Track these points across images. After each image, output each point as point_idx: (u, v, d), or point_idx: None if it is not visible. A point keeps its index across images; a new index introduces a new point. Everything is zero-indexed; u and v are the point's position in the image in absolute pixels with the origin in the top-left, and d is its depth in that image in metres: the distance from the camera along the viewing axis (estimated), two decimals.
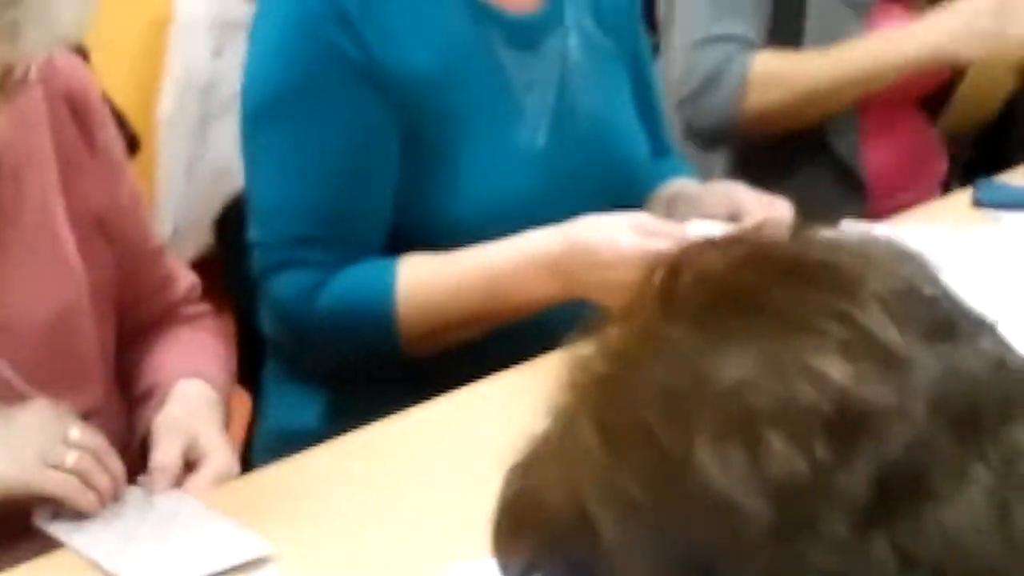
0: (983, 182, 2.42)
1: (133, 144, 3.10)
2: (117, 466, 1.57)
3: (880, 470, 0.68)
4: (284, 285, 1.88)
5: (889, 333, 0.70)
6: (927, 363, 0.71)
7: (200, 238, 3.00)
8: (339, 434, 1.79)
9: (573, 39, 1.99)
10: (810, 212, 1.77)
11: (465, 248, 1.87)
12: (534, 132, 1.94)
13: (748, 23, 2.41)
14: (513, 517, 0.79)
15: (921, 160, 2.66)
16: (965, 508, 0.69)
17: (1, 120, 1.62)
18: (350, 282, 1.88)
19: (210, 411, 1.76)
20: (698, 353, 0.72)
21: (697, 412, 0.71)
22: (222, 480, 1.66)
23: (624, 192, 1.93)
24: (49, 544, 1.55)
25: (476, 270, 1.87)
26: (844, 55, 2.39)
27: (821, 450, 0.68)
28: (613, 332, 0.77)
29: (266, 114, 1.93)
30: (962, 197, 2.44)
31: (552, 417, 0.77)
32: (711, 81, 2.37)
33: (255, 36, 1.99)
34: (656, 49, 2.49)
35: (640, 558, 0.72)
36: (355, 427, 1.80)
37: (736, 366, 0.71)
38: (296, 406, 2.00)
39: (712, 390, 0.71)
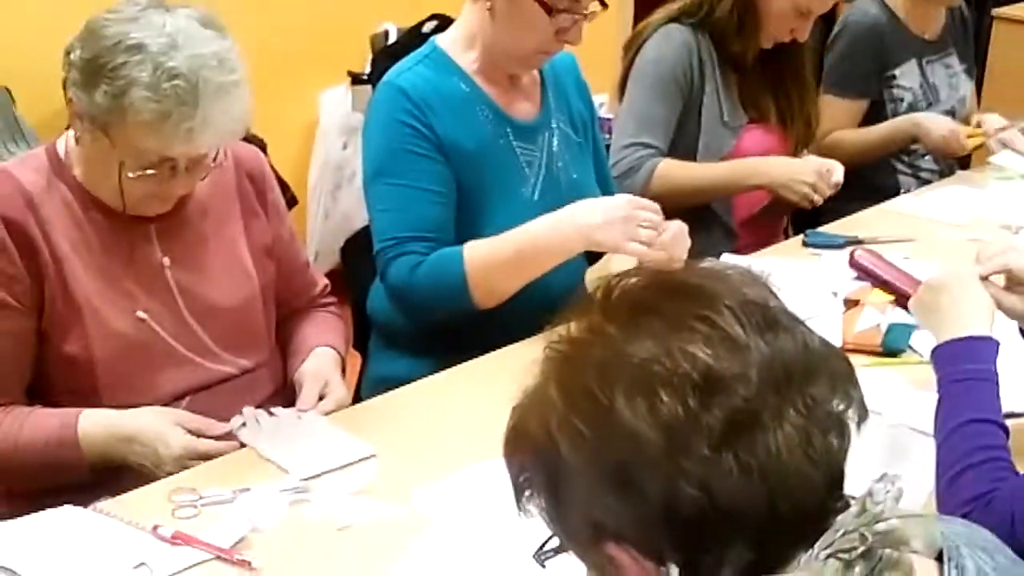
0: (810, 232, 2.70)
1: (292, 200, 3.62)
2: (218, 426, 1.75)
3: (728, 413, 0.86)
4: (398, 266, 2.08)
5: (735, 329, 0.89)
6: (759, 347, 0.89)
7: (331, 258, 3.39)
8: (413, 381, 2.03)
9: (555, 135, 2.28)
10: (703, 250, 2.07)
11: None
12: (532, 190, 2.22)
13: (658, 138, 2.69)
14: (512, 438, 0.98)
15: (770, 217, 2.93)
16: (782, 437, 0.87)
17: (201, 185, 1.83)
18: (435, 260, 2.08)
19: (334, 366, 1.96)
20: (623, 341, 0.90)
21: (618, 377, 0.88)
22: (341, 405, 1.87)
23: None
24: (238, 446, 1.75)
25: (521, 235, 2.06)
26: (714, 171, 2.71)
27: (692, 401, 0.86)
28: (571, 325, 0.96)
29: (378, 173, 2.13)
30: (796, 240, 2.72)
31: (533, 378, 0.96)
32: (629, 172, 2.65)
33: (367, 131, 2.18)
34: None
35: (584, 467, 0.90)
36: (422, 377, 2.04)
37: (644, 349, 0.88)
38: (388, 362, 2.27)
39: (628, 363, 0.89)
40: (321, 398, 1.86)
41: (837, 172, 2.64)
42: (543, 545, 1.01)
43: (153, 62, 1.60)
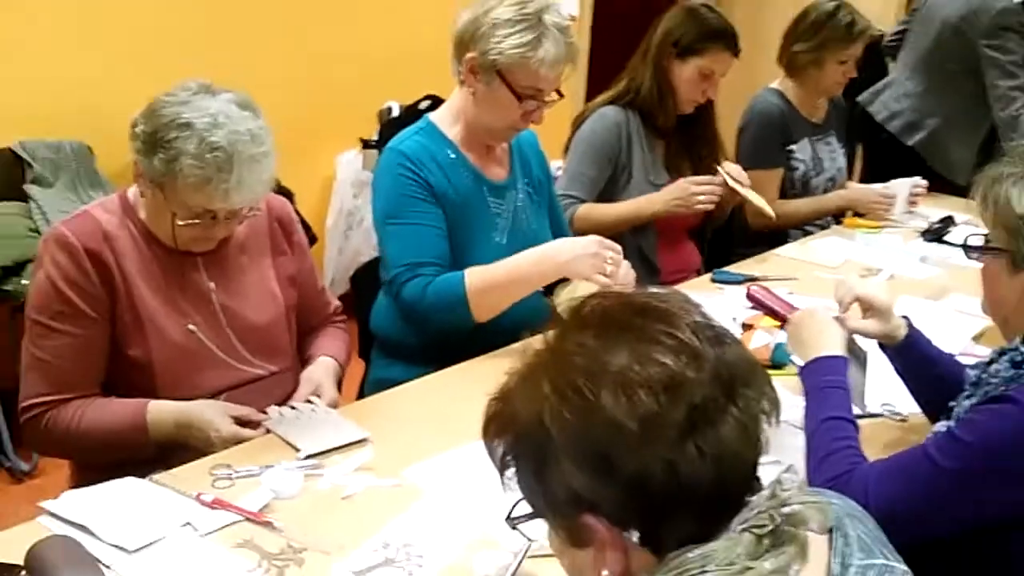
0: (717, 271, 2.70)
1: (313, 239, 3.61)
2: (235, 437, 1.70)
3: (689, 408, 0.85)
4: (411, 287, 2.06)
5: (693, 341, 0.88)
6: (711, 356, 0.88)
7: (343, 285, 3.37)
8: (406, 382, 2.01)
9: (520, 193, 2.30)
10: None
11: None
12: (501, 236, 2.23)
13: (584, 192, 2.73)
14: (496, 424, 0.96)
15: (686, 257, 2.96)
16: (728, 428, 0.87)
17: (239, 228, 1.84)
18: (442, 281, 2.07)
19: (329, 373, 1.93)
20: (601, 350, 0.89)
21: (602, 378, 0.87)
22: (330, 405, 1.82)
23: None
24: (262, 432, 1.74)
25: (512, 264, 2.07)
26: (619, 209, 2.72)
27: (662, 398, 0.85)
28: (552, 334, 0.94)
29: (388, 216, 2.12)
30: (706, 277, 2.71)
31: (519, 371, 0.94)
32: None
33: (376, 186, 2.17)
34: None
35: (572, 449, 0.88)
36: (413, 379, 2.02)
37: (620, 357, 0.87)
38: (386, 368, 2.25)
39: (610, 368, 0.87)
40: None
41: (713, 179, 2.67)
42: (511, 512, 0.99)
43: (198, 137, 1.62)
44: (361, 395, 2.18)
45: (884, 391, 2.05)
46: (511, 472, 0.95)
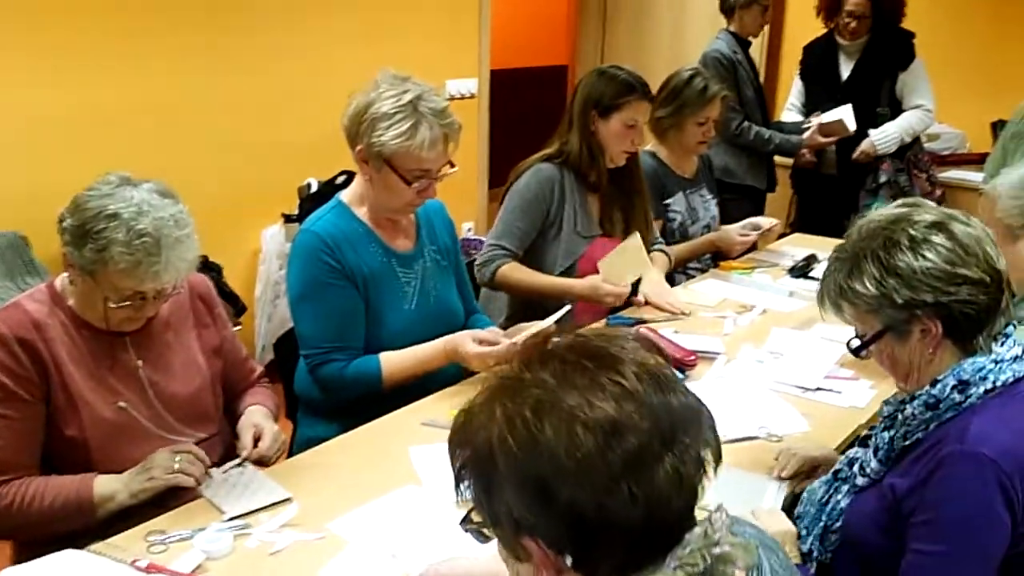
0: (611, 316, 2.70)
1: (243, 308, 3.61)
2: (200, 463, 1.70)
3: (625, 454, 0.84)
4: (327, 369, 2.11)
5: (637, 387, 0.87)
6: (652, 402, 0.87)
7: (269, 352, 3.25)
8: (330, 439, 1.99)
9: (427, 262, 2.28)
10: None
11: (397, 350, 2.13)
12: (410, 303, 2.22)
13: (514, 244, 2.71)
14: (458, 437, 0.93)
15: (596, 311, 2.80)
16: (662, 474, 0.86)
17: (164, 306, 1.81)
18: (359, 364, 2.12)
19: (264, 415, 1.92)
20: (557, 388, 0.88)
21: (550, 414, 0.86)
22: (277, 439, 1.82)
23: (452, 329, 2.20)
24: (194, 495, 1.71)
25: (419, 352, 2.14)
26: (540, 282, 2.67)
27: (601, 439, 0.84)
28: (522, 362, 0.93)
29: (302, 297, 2.12)
30: (602, 322, 2.68)
31: (486, 390, 0.92)
32: (486, 263, 2.71)
33: (291, 266, 2.16)
34: None
35: (514, 477, 0.87)
36: (337, 436, 2.00)
37: (571, 397, 0.87)
38: (310, 427, 2.22)
39: (560, 406, 0.87)
40: (257, 440, 1.83)
41: (621, 287, 2.66)
42: (467, 517, 0.98)
43: (126, 226, 1.62)
44: (291, 454, 2.14)
45: (761, 415, 2.12)
46: (465, 484, 0.94)
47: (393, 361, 2.14)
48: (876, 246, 1.42)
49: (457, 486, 0.94)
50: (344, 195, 2.23)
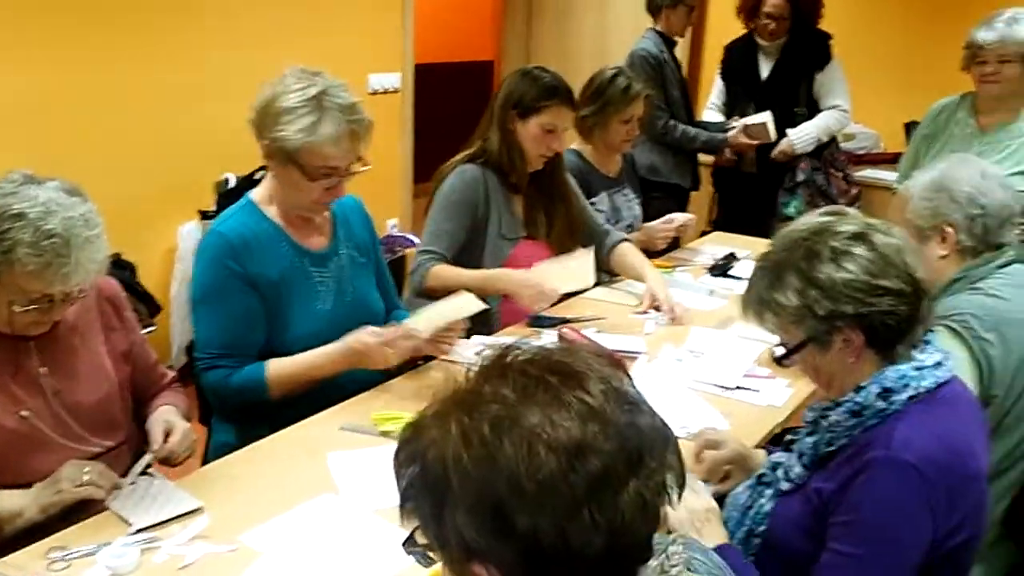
0: (531, 316, 2.64)
1: (158, 308, 3.54)
2: (111, 475, 1.67)
3: (588, 477, 0.80)
4: (213, 375, 2.07)
5: (604, 408, 0.83)
6: (618, 422, 0.82)
7: (185, 354, 3.22)
8: (243, 445, 1.96)
9: (344, 259, 2.23)
10: (471, 328, 2.16)
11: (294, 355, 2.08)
12: (324, 303, 2.17)
13: (443, 247, 2.64)
14: (405, 453, 0.88)
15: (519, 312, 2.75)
16: (626, 499, 0.81)
17: (70, 309, 1.75)
18: (245, 372, 2.06)
19: (173, 412, 1.88)
20: (517, 404, 0.83)
21: (510, 432, 0.82)
22: (187, 436, 1.78)
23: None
24: (101, 507, 1.66)
25: (310, 358, 2.08)
26: (472, 277, 2.58)
27: (563, 460, 0.80)
28: (478, 374, 0.88)
29: (202, 300, 2.08)
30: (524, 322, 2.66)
31: (436, 403, 0.87)
32: (417, 270, 2.65)
33: (196, 265, 2.09)
34: None
35: (468, 499, 0.82)
36: (251, 442, 1.96)
37: (532, 415, 0.82)
38: (224, 433, 2.18)
39: (520, 423, 0.82)
40: (167, 435, 1.79)
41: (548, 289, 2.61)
42: (410, 538, 0.91)
43: (33, 226, 1.57)
44: (205, 461, 2.09)
45: (682, 415, 2.14)
46: (411, 504, 0.88)
47: (282, 368, 2.07)
48: (798, 257, 1.43)
49: (402, 506, 0.88)
50: (254, 193, 2.18)
